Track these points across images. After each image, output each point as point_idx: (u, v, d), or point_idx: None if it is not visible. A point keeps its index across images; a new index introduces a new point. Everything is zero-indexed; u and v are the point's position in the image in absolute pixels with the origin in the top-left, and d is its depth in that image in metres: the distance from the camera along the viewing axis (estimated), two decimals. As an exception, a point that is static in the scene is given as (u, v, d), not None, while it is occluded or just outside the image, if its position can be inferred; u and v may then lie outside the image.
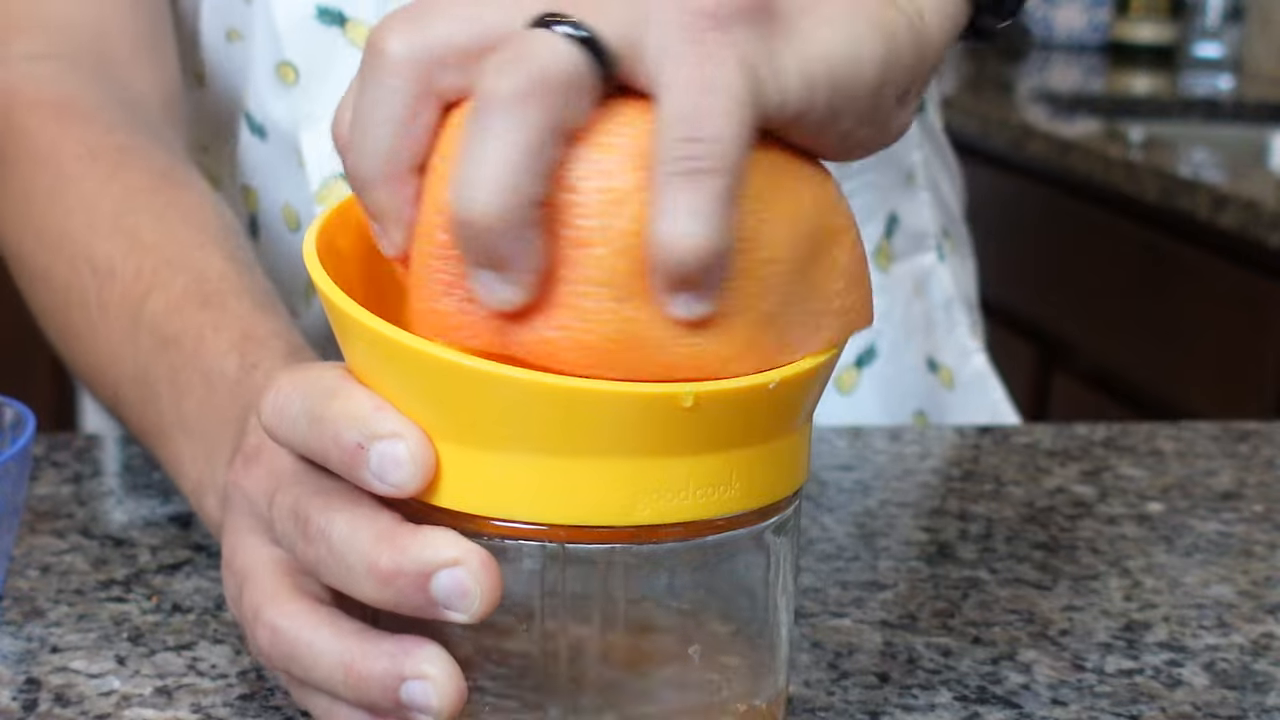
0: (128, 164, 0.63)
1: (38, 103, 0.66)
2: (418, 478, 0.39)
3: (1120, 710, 0.50)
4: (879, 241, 0.85)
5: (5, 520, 0.53)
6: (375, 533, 0.40)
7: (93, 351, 0.60)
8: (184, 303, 0.56)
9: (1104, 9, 2.83)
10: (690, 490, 0.39)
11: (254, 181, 0.78)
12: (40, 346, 0.65)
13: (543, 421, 0.38)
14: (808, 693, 0.51)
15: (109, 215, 0.60)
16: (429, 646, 0.40)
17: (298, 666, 0.42)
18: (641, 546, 0.40)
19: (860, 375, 0.85)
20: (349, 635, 0.41)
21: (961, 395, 0.89)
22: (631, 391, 0.38)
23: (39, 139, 0.64)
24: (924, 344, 0.87)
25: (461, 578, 0.39)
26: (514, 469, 0.39)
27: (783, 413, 0.40)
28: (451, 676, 0.40)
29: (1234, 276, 1.64)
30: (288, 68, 0.73)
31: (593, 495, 0.39)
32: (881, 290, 0.85)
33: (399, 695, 0.40)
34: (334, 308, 0.40)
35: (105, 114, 0.65)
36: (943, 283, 0.89)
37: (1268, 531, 0.66)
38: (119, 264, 0.59)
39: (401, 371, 0.39)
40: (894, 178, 0.86)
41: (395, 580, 0.39)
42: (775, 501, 0.41)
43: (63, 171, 0.63)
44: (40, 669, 0.50)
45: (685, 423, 0.38)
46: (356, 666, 0.40)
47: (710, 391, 0.38)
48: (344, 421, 0.40)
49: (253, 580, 0.43)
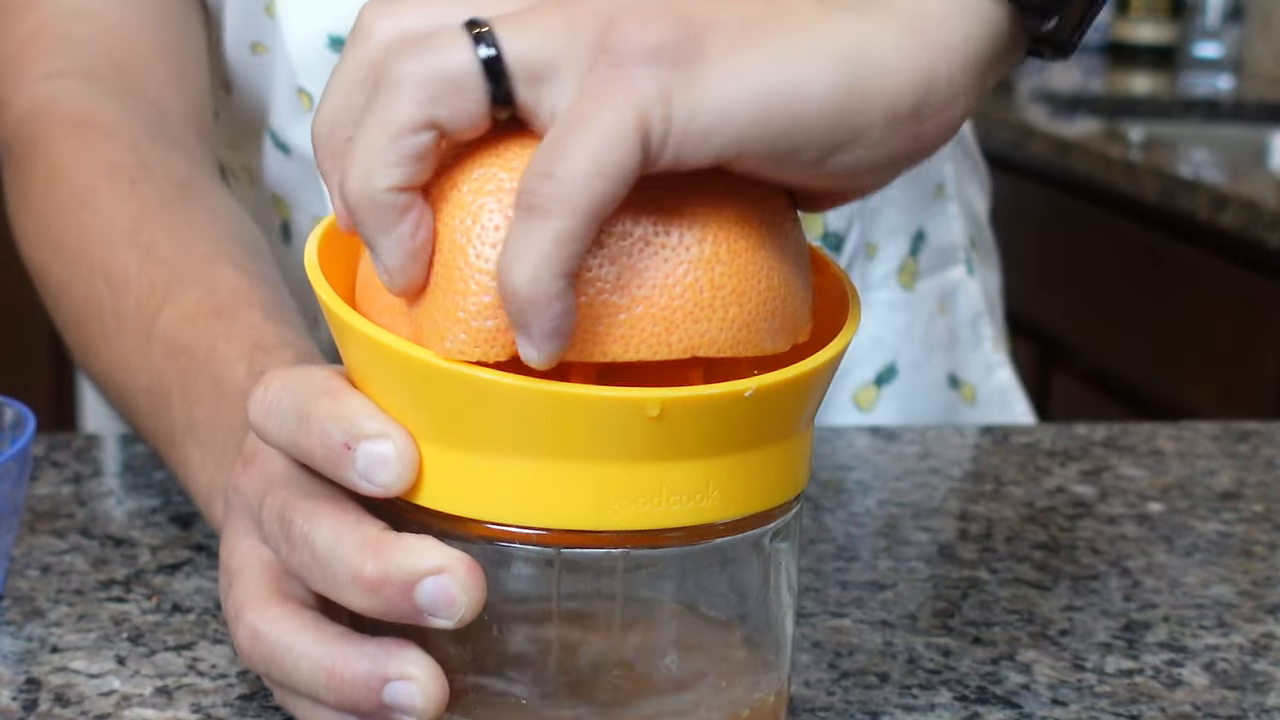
0: (145, 179, 0.63)
1: (58, 121, 0.66)
2: (404, 478, 0.39)
3: (1120, 710, 0.50)
4: (904, 259, 0.85)
5: (5, 520, 0.53)
6: (359, 540, 0.40)
7: (108, 362, 0.60)
8: (196, 314, 0.56)
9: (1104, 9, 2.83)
10: (664, 497, 0.39)
11: (282, 191, 0.79)
12: (40, 346, 0.65)
13: (523, 425, 0.38)
14: (808, 693, 0.50)
15: (124, 230, 0.61)
16: (410, 648, 0.40)
17: (278, 670, 0.42)
18: (633, 551, 0.40)
19: (880, 393, 0.85)
20: (330, 639, 0.41)
21: (983, 411, 0.88)
22: (597, 396, 0.37)
23: (58, 156, 0.65)
24: (945, 361, 0.86)
25: (447, 585, 0.39)
26: (499, 472, 0.39)
27: (768, 420, 0.40)
28: (434, 677, 0.40)
29: (1234, 276, 1.64)
30: (303, 94, 0.74)
31: (571, 499, 0.38)
32: (904, 308, 0.85)
33: (382, 697, 0.40)
34: (329, 311, 0.40)
35: (127, 130, 0.66)
36: (971, 297, 0.88)
37: (1268, 531, 0.66)
38: (133, 278, 0.59)
39: (390, 374, 0.39)
40: (922, 193, 0.85)
41: (381, 589, 0.39)
42: (768, 509, 0.41)
43: (80, 187, 0.63)
44: (40, 669, 0.50)
45: (653, 429, 0.38)
46: (338, 670, 0.40)
47: (678, 399, 0.38)
48: (331, 420, 0.40)
49: (239, 581, 0.43)
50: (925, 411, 0.85)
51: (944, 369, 0.86)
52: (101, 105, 0.67)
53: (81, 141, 0.65)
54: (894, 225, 0.84)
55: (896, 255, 0.84)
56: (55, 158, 0.65)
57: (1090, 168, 1.85)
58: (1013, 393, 0.90)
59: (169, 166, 0.64)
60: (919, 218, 0.85)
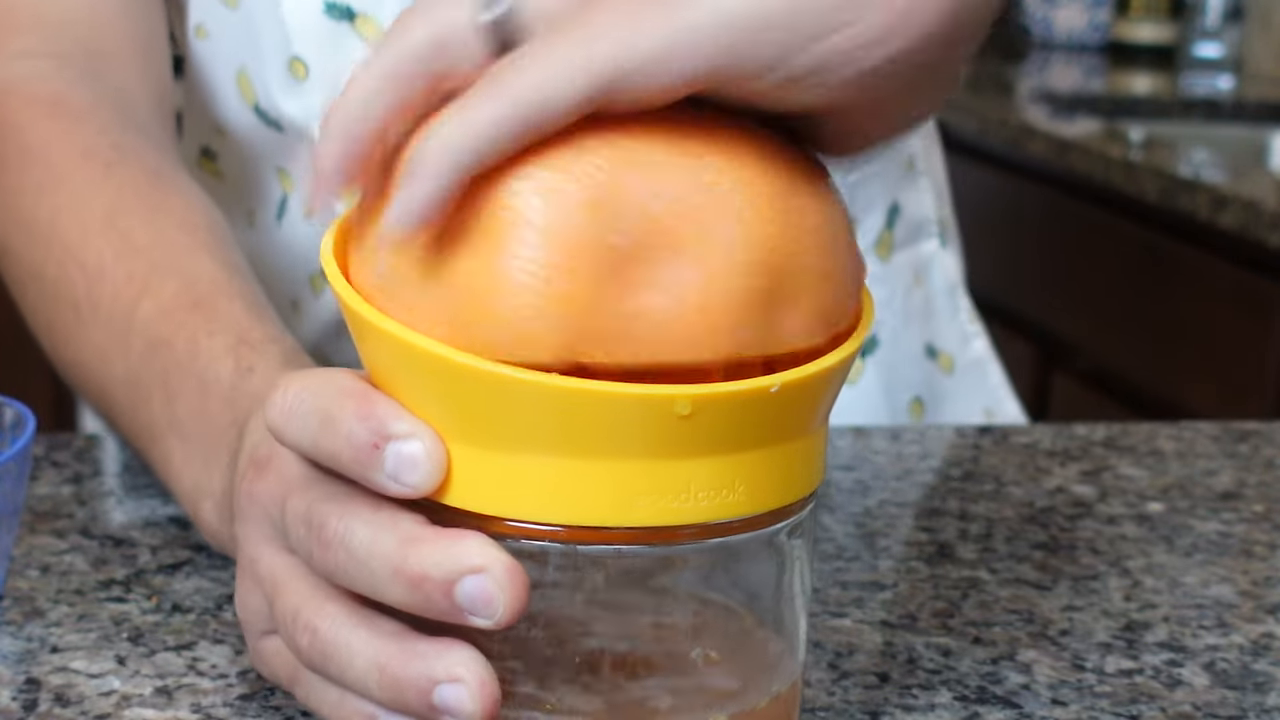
0: (120, 164, 0.62)
1: (30, 100, 0.66)
2: (433, 477, 0.39)
3: (1120, 710, 0.50)
4: (880, 232, 0.86)
5: (5, 520, 0.53)
6: (400, 536, 0.39)
7: (81, 350, 0.60)
8: (175, 306, 0.56)
9: (1104, 9, 2.83)
10: (692, 493, 0.39)
11: (285, 165, 0.78)
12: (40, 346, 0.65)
13: (548, 422, 0.38)
14: (808, 693, 0.50)
15: (100, 216, 0.60)
16: (463, 649, 0.39)
17: (334, 667, 0.41)
18: (653, 548, 0.40)
19: (865, 365, 0.85)
20: (385, 637, 0.40)
21: (960, 380, 0.89)
22: (627, 393, 0.37)
23: (30, 135, 0.64)
24: (923, 331, 0.88)
25: (486, 585, 0.38)
26: (524, 470, 0.39)
27: (791, 416, 0.40)
28: (485, 680, 0.39)
29: (1234, 276, 1.64)
30: (298, 63, 0.73)
31: (595, 496, 0.38)
32: (881, 280, 0.86)
33: (433, 699, 0.39)
34: (348, 309, 0.40)
35: (98, 113, 0.65)
36: (946, 269, 0.89)
37: (1268, 531, 0.66)
38: (110, 265, 0.58)
39: (414, 373, 0.39)
40: (896, 166, 0.86)
41: (423, 584, 0.39)
42: (787, 504, 0.41)
43: (54, 168, 0.63)
44: (40, 669, 0.50)
45: (683, 426, 0.38)
46: (391, 668, 0.40)
47: (707, 395, 0.38)
48: (358, 421, 0.39)
49: (285, 586, 0.43)
50: (905, 382, 0.86)
51: (921, 339, 0.87)
52: (72, 87, 0.67)
53: (54, 122, 0.65)
54: (871, 198, 0.85)
55: (874, 228, 0.85)
56: (28, 136, 0.64)
57: (1090, 168, 1.85)
58: (990, 364, 0.91)
59: (140, 152, 0.64)
60: (892, 190, 0.86)
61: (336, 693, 0.42)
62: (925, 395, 0.87)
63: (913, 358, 0.87)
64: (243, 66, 0.76)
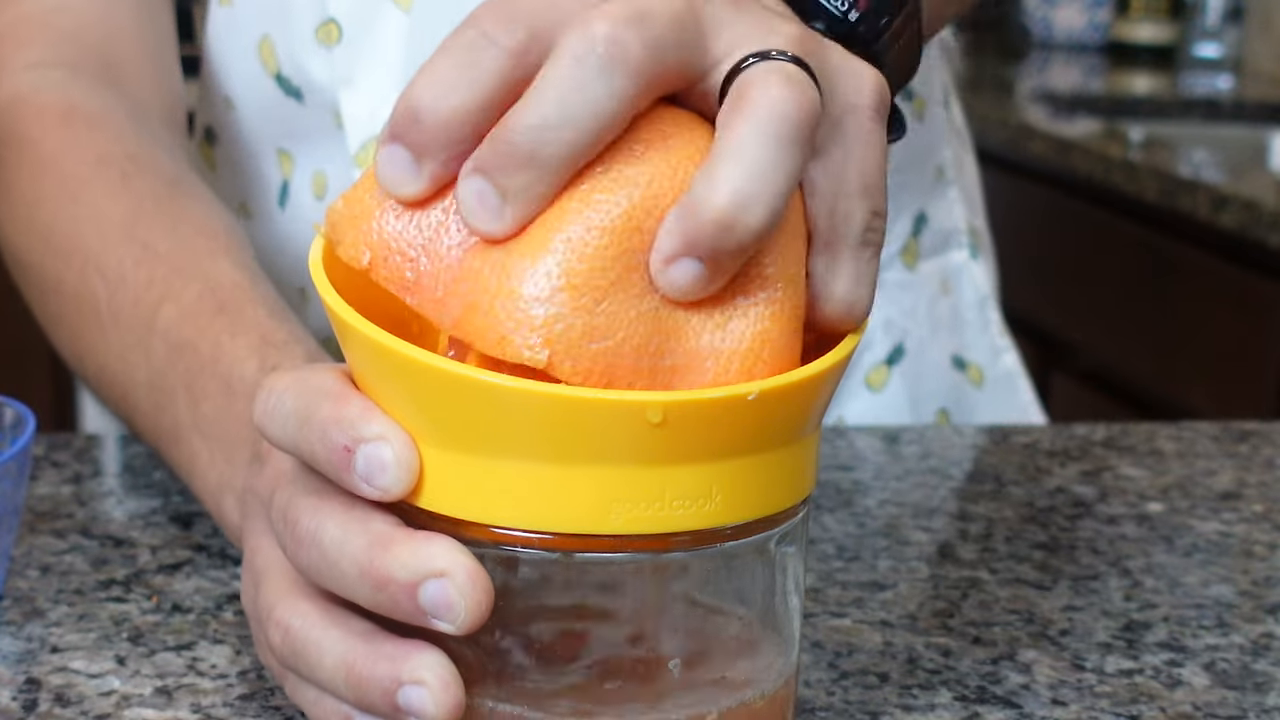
0: (136, 172, 0.63)
1: (44, 110, 0.66)
2: (402, 481, 0.39)
3: (1120, 710, 0.50)
4: (906, 240, 0.85)
5: (5, 520, 0.53)
6: (370, 538, 0.40)
7: (103, 357, 0.60)
8: (198, 309, 0.56)
9: (1104, 9, 2.83)
10: (667, 501, 0.38)
11: (289, 145, 0.78)
12: (40, 346, 0.65)
13: (520, 427, 0.38)
14: (808, 693, 0.50)
15: (119, 224, 0.60)
16: (429, 652, 0.40)
17: (304, 664, 0.42)
18: (637, 555, 0.40)
19: (890, 373, 0.85)
20: (354, 636, 0.41)
21: (990, 394, 0.88)
22: (599, 400, 0.37)
23: (44, 145, 0.64)
24: (950, 342, 0.87)
25: (448, 589, 0.38)
26: (501, 475, 0.38)
27: (773, 424, 0.39)
28: (448, 684, 0.39)
29: (1234, 276, 1.64)
30: (332, 26, 0.73)
31: (570, 503, 0.38)
32: (908, 288, 0.85)
33: (397, 699, 0.40)
34: (333, 314, 0.40)
35: (112, 122, 0.65)
36: (975, 280, 0.88)
37: (1268, 531, 0.66)
38: (130, 272, 0.59)
39: (393, 377, 0.39)
40: (922, 175, 0.86)
41: (388, 586, 0.39)
42: (775, 513, 0.41)
43: (70, 178, 0.63)
44: (40, 669, 0.50)
45: (655, 433, 0.37)
46: (357, 668, 0.40)
47: (679, 402, 0.37)
48: (332, 423, 0.40)
49: (267, 579, 0.43)
50: (932, 392, 0.85)
51: (949, 350, 0.87)
52: (85, 96, 0.67)
53: (69, 130, 0.65)
54: (898, 205, 0.84)
55: (900, 236, 0.85)
56: (43, 146, 0.65)
57: (1090, 168, 1.85)
58: (1019, 379, 0.90)
59: (155, 160, 0.64)
60: (920, 199, 0.86)
61: (314, 691, 0.42)
62: (952, 407, 0.86)
63: (940, 368, 0.86)
64: (267, 33, 0.76)
